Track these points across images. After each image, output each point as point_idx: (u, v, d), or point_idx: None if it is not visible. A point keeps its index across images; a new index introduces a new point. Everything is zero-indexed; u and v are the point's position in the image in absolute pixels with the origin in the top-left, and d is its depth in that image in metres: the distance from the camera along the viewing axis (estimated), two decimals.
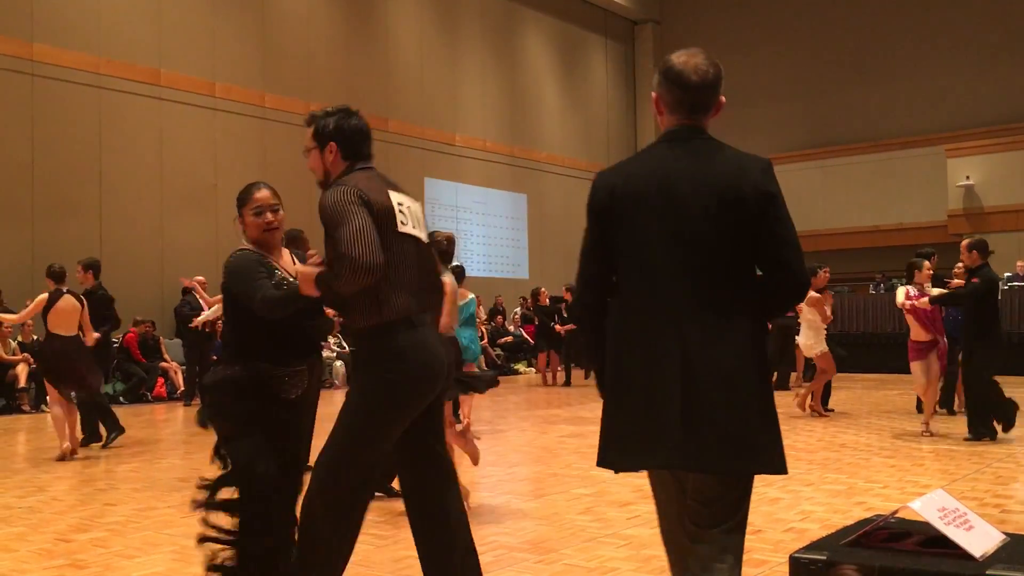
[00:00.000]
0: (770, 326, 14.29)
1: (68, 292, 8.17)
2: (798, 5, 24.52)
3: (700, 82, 2.51)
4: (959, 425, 9.11)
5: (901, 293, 8.34)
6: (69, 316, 8.04)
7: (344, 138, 3.24)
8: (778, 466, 2.43)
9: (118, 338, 14.00)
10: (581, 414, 10.91)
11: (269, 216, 3.45)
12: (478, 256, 21.31)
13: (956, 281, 8.98)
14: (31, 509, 5.78)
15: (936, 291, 8.36)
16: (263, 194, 3.48)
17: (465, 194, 21.42)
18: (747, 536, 3.99)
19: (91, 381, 8.11)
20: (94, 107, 14.79)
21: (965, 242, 8.26)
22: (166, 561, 4.42)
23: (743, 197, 2.39)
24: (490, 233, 22.01)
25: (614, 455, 2.47)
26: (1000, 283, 8.41)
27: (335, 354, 16.05)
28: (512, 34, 23.31)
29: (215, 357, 10.51)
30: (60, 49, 14.39)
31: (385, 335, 2.96)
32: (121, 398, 13.42)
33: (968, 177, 21.44)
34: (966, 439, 7.96)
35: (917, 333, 8.22)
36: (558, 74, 24.78)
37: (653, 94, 2.62)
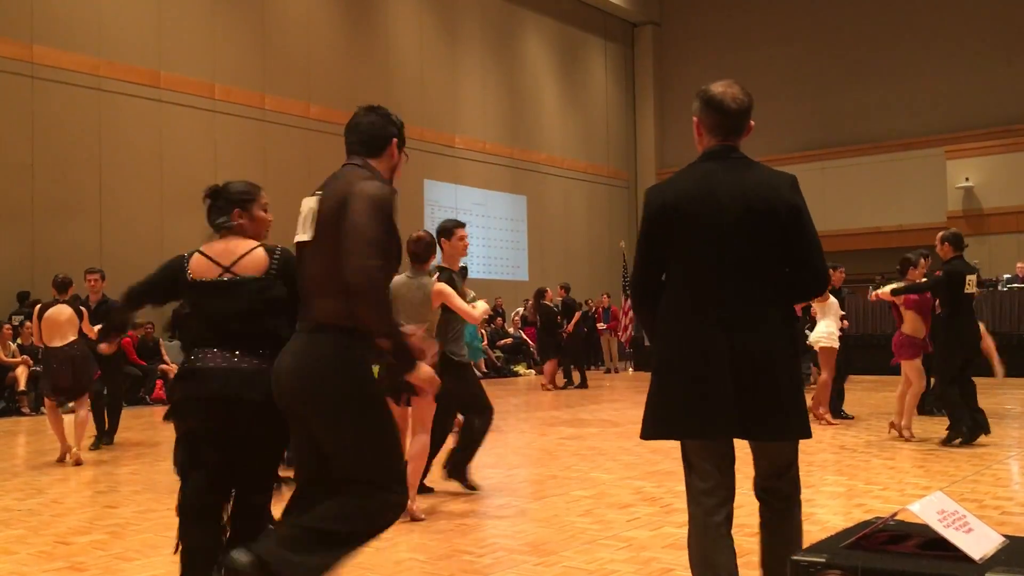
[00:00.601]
0: None
1: (64, 302, 8.04)
2: (797, 7, 24.53)
3: (737, 109, 3.03)
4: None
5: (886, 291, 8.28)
6: (61, 327, 7.91)
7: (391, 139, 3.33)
8: (806, 432, 3.00)
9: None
10: (581, 416, 10.91)
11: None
12: (478, 258, 21.31)
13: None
14: (31, 511, 5.78)
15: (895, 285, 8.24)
16: (263, 194, 3.59)
17: (465, 196, 21.43)
18: (745, 538, 4.15)
19: (79, 389, 8.03)
20: (94, 109, 14.80)
21: (940, 234, 8.06)
22: (166, 564, 4.43)
23: (774, 209, 2.84)
24: (490, 235, 22.01)
25: (664, 427, 2.93)
26: (969, 277, 8.08)
27: None
28: (512, 36, 23.32)
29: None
30: (60, 51, 14.40)
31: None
32: (122, 400, 13.39)
33: (968, 179, 21.46)
34: (957, 443, 7.83)
35: (916, 328, 8.09)
36: (558, 76, 24.79)
37: (694, 118, 3.03)
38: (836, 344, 9.91)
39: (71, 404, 8.19)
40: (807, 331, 10.77)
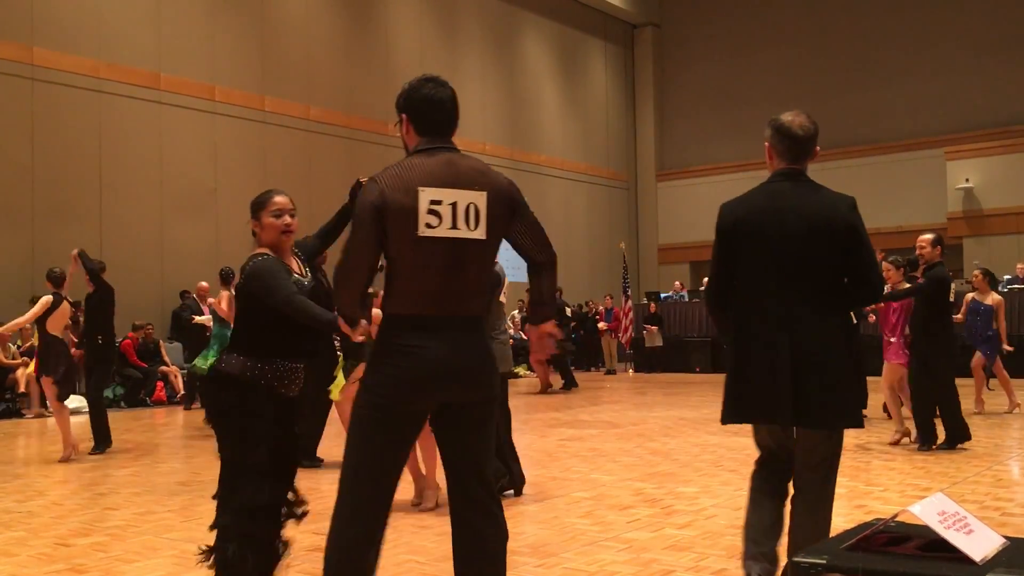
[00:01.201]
0: None
1: (64, 297, 8.43)
2: (797, 8, 24.54)
3: (804, 136, 3.36)
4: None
5: None
6: (64, 319, 8.40)
7: (412, 108, 2.96)
8: (853, 422, 3.31)
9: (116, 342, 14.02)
10: (581, 417, 10.91)
11: (287, 219, 3.51)
12: None
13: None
14: (31, 513, 5.78)
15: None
16: (282, 198, 3.55)
17: None
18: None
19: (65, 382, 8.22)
20: (94, 111, 14.80)
21: (928, 236, 7.75)
22: (166, 565, 4.42)
23: (833, 227, 3.21)
24: None
25: (736, 414, 3.35)
26: (951, 283, 7.88)
27: None
28: (512, 37, 23.33)
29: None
30: (60, 53, 14.40)
31: (384, 333, 2.87)
32: (122, 402, 13.42)
33: (968, 180, 21.46)
34: (944, 448, 7.61)
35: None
36: (558, 77, 24.80)
37: (766, 143, 3.41)
38: None
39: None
40: None
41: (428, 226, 2.77)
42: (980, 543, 2.76)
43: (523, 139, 23.41)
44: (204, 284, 13.14)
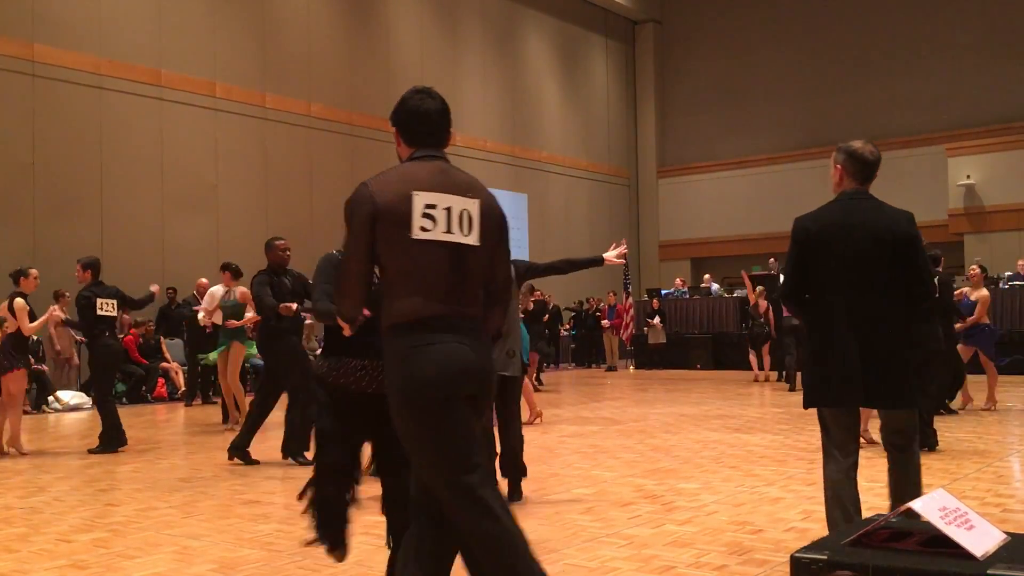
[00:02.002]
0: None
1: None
2: (798, 5, 24.51)
3: (874, 161, 3.93)
4: (961, 426, 9.13)
5: None
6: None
7: (401, 121, 2.99)
8: (912, 404, 3.87)
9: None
10: (582, 414, 10.91)
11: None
12: None
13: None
14: (32, 509, 5.79)
15: None
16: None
17: None
18: (747, 535, 4.21)
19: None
20: (95, 108, 14.80)
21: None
22: (167, 561, 4.43)
23: (895, 239, 3.80)
24: None
25: (815, 399, 3.89)
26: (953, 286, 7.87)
27: None
28: (513, 34, 23.31)
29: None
30: (61, 50, 14.40)
31: (391, 339, 2.86)
32: (124, 399, 13.43)
33: (969, 176, 21.44)
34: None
35: None
36: (559, 74, 24.78)
37: (837, 166, 3.95)
38: None
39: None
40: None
41: (423, 229, 2.77)
42: (981, 539, 2.76)
43: (524, 136, 23.40)
44: (204, 280, 13.13)
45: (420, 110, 2.95)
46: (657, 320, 18.97)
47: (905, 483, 3.90)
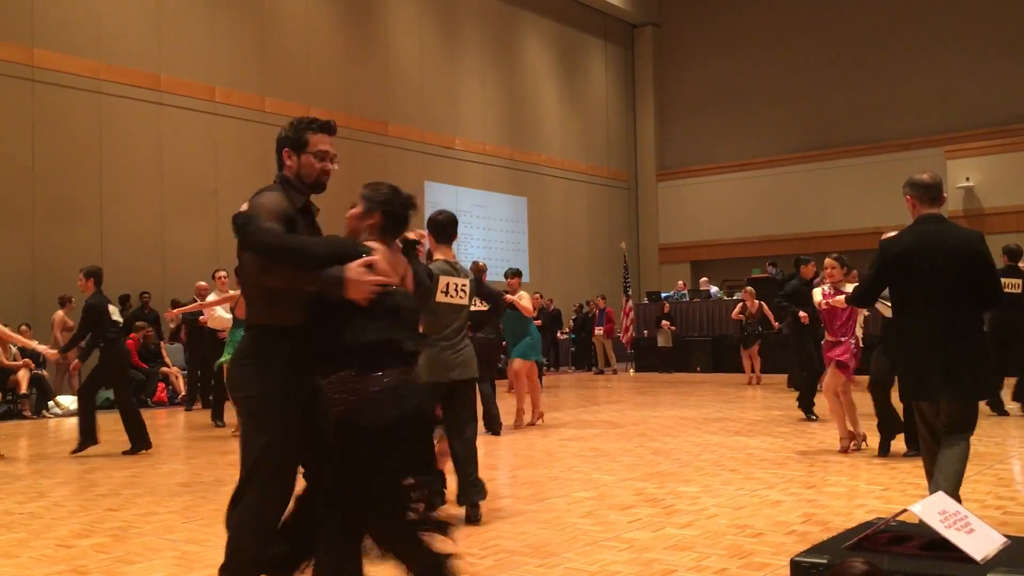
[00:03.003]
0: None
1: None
2: (797, 8, 24.53)
3: (933, 183, 4.70)
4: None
5: (818, 293, 7.71)
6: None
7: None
8: (982, 396, 4.79)
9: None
10: (583, 417, 10.91)
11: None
12: (479, 259, 21.31)
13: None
14: (32, 515, 5.78)
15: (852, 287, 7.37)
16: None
17: (465, 197, 21.42)
18: (747, 539, 4.21)
19: None
20: (94, 112, 14.81)
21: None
22: (167, 566, 4.42)
23: (968, 256, 4.50)
24: (490, 236, 22.02)
25: (909, 394, 4.71)
26: None
27: None
28: (512, 37, 23.33)
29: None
30: (61, 55, 14.41)
31: None
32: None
33: (968, 178, 21.46)
34: (906, 454, 7.17)
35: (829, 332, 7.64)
36: (558, 77, 24.80)
37: (908, 196, 4.73)
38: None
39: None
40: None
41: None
42: (981, 542, 2.76)
43: (523, 139, 23.41)
44: (203, 284, 13.13)
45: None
46: (667, 323, 18.95)
47: (950, 462, 4.47)
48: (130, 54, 15.32)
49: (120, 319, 8.80)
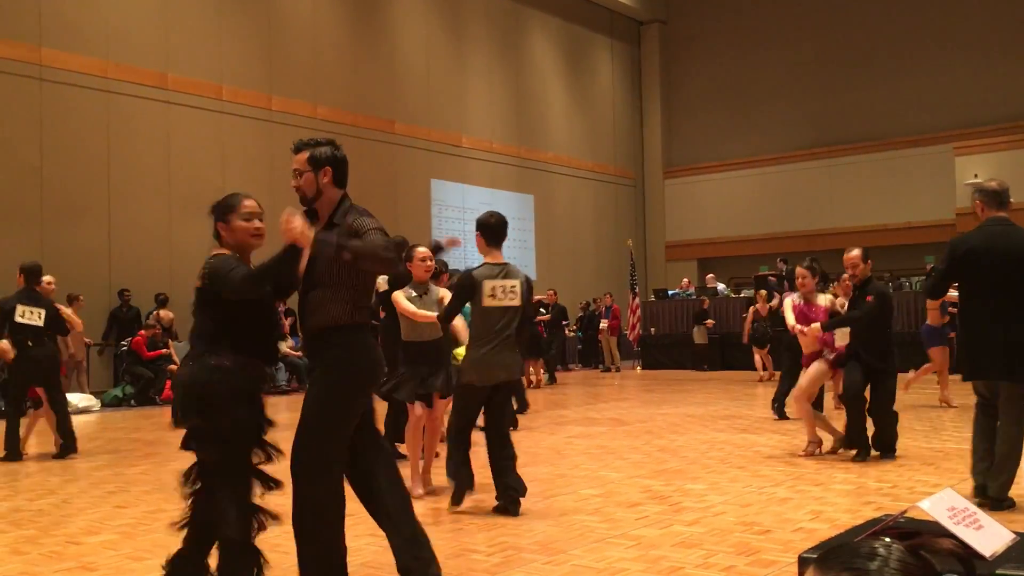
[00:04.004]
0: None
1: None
2: (804, 4, 24.46)
3: (1002, 189, 5.32)
4: (969, 425, 9.09)
5: (788, 307, 7.38)
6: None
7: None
8: None
9: (127, 341, 14.08)
10: (590, 415, 10.91)
11: (258, 223, 3.58)
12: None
13: (840, 299, 7.90)
14: (41, 512, 5.81)
15: (824, 299, 7.34)
16: (252, 202, 3.59)
17: (471, 195, 21.43)
18: (755, 536, 4.26)
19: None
20: (102, 111, 14.85)
21: (856, 252, 7.04)
22: None
23: None
24: None
25: (970, 375, 5.28)
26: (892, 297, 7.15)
27: None
28: (518, 35, 23.32)
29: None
30: (68, 53, 14.45)
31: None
32: (132, 400, 13.47)
33: (976, 175, 21.36)
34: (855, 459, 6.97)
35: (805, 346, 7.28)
36: (564, 75, 24.78)
37: (976, 200, 5.34)
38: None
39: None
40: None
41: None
42: (990, 539, 2.75)
43: (530, 137, 23.40)
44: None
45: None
46: (710, 322, 18.77)
47: (1004, 440, 5.08)
48: (137, 53, 15.36)
49: (35, 321, 8.13)
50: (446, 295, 5.84)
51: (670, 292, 21.24)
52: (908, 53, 22.77)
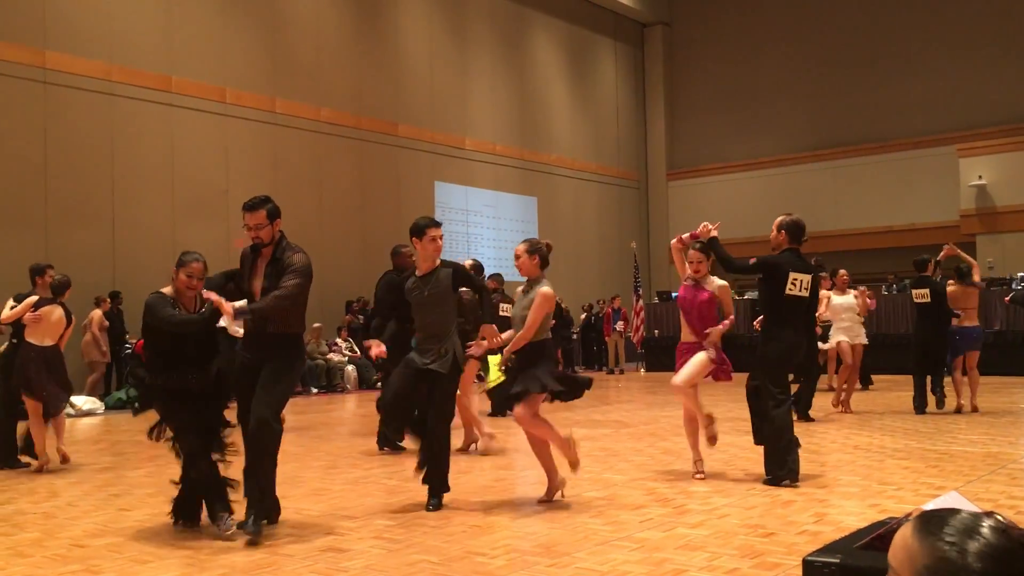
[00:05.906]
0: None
1: (60, 304, 8.04)
2: (807, 6, 24.45)
3: None
4: (974, 428, 9.07)
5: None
6: (51, 326, 7.89)
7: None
8: None
9: (130, 344, 14.09)
10: (593, 417, 10.90)
11: (195, 281, 5.16)
12: (488, 259, 21.27)
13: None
14: (46, 515, 5.81)
15: (715, 284, 6.97)
16: (198, 265, 5.17)
17: (475, 197, 21.44)
18: (759, 539, 4.24)
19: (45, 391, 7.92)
20: (106, 114, 14.88)
21: (778, 220, 6.73)
22: (180, 566, 4.44)
23: None
24: (500, 236, 22.03)
25: None
26: (796, 273, 6.55)
27: (347, 359, 16.11)
28: (521, 37, 23.33)
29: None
30: (72, 57, 14.48)
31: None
32: (136, 403, 13.45)
33: (980, 176, 21.34)
34: (764, 481, 6.24)
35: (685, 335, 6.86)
36: (568, 77, 24.79)
37: None
38: (837, 339, 10.64)
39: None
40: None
41: None
42: None
43: (533, 139, 23.40)
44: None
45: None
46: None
47: None
48: (141, 56, 15.39)
49: None
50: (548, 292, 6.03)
51: (674, 294, 21.22)
52: (911, 55, 22.75)
